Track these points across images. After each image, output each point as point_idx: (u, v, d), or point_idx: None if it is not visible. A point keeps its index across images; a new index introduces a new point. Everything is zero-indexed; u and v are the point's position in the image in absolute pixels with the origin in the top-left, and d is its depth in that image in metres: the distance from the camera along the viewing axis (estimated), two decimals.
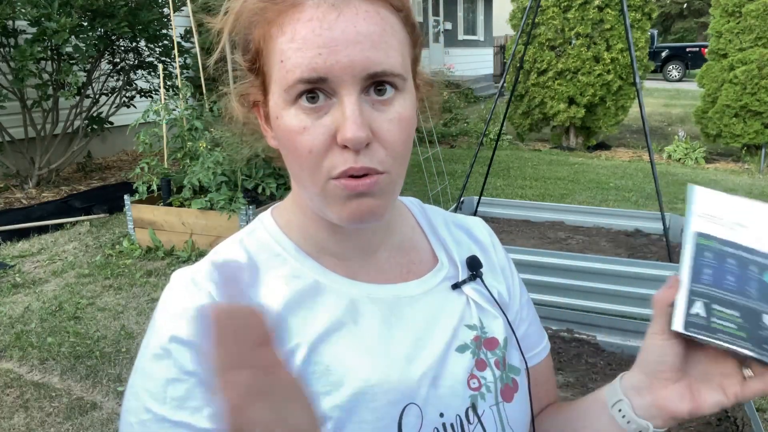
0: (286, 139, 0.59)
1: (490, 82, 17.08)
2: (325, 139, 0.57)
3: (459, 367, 0.68)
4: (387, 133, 0.58)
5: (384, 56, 0.56)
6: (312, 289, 0.66)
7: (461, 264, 0.75)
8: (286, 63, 0.56)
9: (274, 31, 0.58)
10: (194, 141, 4.45)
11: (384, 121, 0.58)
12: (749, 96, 7.13)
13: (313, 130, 0.57)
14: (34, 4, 5.02)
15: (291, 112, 0.58)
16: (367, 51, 0.55)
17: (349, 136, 0.55)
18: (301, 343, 0.62)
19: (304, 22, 0.56)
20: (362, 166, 0.57)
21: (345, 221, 0.60)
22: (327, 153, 0.57)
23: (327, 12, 0.55)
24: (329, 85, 0.56)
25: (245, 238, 0.70)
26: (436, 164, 6.14)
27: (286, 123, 0.58)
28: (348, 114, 0.55)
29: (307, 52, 0.55)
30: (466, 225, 0.82)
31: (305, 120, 0.57)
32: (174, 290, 0.64)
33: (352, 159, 0.56)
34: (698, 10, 29.81)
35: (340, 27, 0.55)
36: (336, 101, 0.57)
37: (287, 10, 0.57)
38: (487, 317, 0.73)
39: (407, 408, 0.63)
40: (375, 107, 0.57)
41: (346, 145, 0.56)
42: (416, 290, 0.70)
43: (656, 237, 4.41)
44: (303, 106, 0.57)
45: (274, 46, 0.58)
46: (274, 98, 0.59)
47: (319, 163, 0.58)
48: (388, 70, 0.57)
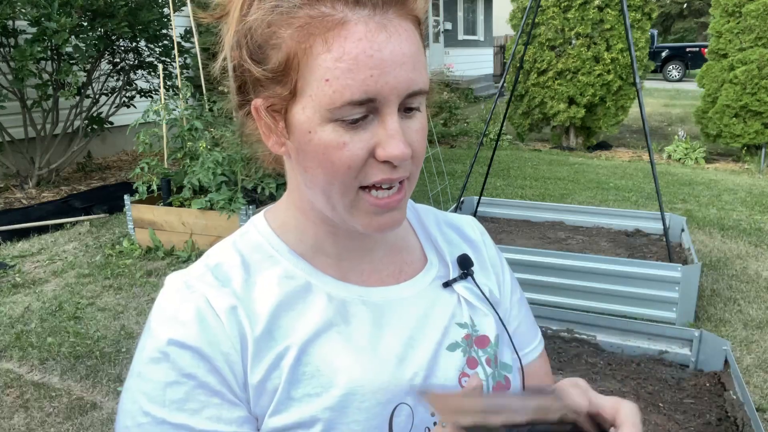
0: (320, 153, 0.58)
1: (490, 82, 17.08)
2: (364, 154, 0.58)
3: (450, 365, 0.68)
4: (416, 144, 0.60)
5: (420, 75, 0.58)
6: (304, 290, 0.66)
7: (452, 263, 0.76)
8: (333, 83, 0.55)
9: (318, 47, 0.56)
10: (194, 141, 4.45)
11: (413, 133, 0.60)
12: (749, 96, 7.13)
13: (352, 146, 0.57)
14: (34, 4, 5.02)
15: (328, 128, 0.57)
16: (410, 72, 0.57)
17: (397, 153, 0.57)
18: (292, 345, 0.62)
19: (353, 42, 0.55)
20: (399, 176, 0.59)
21: (371, 231, 0.63)
22: (363, 167, 0.58)
23: (376, 32, 0.55)
24: (374, 105, 0.56)
25: (238, 240, 0.70)
26: (436, 164, 6.14)
27: (323, 138, 0.58)
28: (393, 132, 0.57)
29: (358, 74, 0.55)
30: (458, 224, 0.83)
31: (344, 136, 0.57)
32: (168, 294, 0.64)
33: (389, 171, 0.59)
34: (698, 10, 29.81)
35: (389, 48, 0.55)
36: (373, 117, 0.57)
37: (334, 28, 0.55)
38: (478, 315, 0.73)
39: (398, 408, 0.64)
40: (404, 121, 0.59)
41: (386, 161, 0.58)
42: (407, 292, 0.71)
43: (656, 237, 4.41)
44: (342, 123, 0.57)
45: (317, 63, 0.56)
46: (307, 113, 0.58)
47: (354, 176, 0.59)
48: (423, 89, 0.59)
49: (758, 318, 3.45)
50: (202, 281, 0.64)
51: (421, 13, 0.60)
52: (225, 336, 0.61)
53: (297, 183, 0.67)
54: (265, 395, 0.61)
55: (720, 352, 2.71)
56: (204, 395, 0.59)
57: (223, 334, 0.61)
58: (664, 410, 2.48)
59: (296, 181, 0.67)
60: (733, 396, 2.47)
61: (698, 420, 2.41)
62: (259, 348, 0.61)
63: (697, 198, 6.06)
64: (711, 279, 3.98)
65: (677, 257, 3.85)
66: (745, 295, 3.74)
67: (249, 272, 0.66)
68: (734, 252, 4.50)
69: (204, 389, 0.59)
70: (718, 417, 2.41)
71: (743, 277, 4.02)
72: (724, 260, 4.32)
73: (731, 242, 4.72)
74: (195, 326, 0.60)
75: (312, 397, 0.61)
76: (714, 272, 4.10)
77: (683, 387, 2.65)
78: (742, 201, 5.95)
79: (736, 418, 2.36)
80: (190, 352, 0.59)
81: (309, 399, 0.61)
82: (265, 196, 4.34)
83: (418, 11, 0.60)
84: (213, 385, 0.60)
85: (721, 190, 6.39)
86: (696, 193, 6.24)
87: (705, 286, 3.85)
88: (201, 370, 0.59)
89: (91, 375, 2.90)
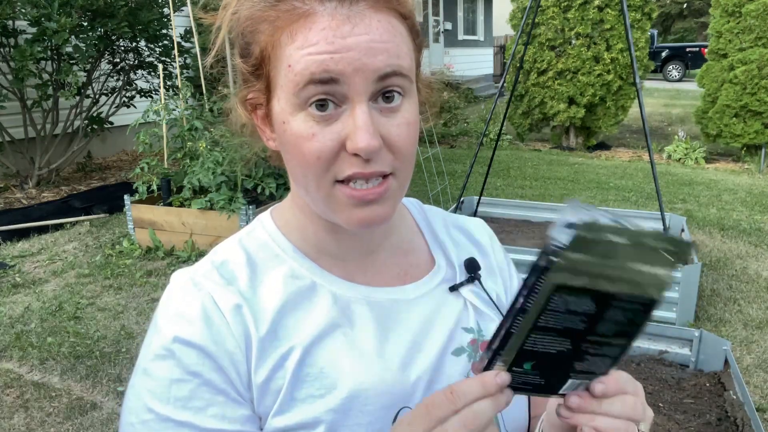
0: (293, 144, 0.59)
1: (490, 82, 17.08)
2: (334, 145, 0.57)
3: (455, 370, 0.68)
4: (396, 138, 0.58)
5: (394, 58, 0.57)
6: (309, 290, 0.66)
7: (459, 266, 0.75)
8: (294, 66, 0.56)
9: (284, 38, 0.57)
10: (194, 141, 4.45)
11: (392, 127, 0.58)
12: (749, 96, 7.12)
13: (322, 137, 0.57)
14: (34, 4, 5.01)
15: (299, 118, 0.58)
16: (378, 55, 0.56)
17: (362, 145, 0.55)
18: (296, 345, 0.62)
19: (316, 31, 0.55)
20: (372, 171, 0.58)
21: (353, 227, 0.61)
22: (335, 159, 0.58)
23: (341, 23, 0.55)
24: (340, 89, 0.56)
25: (244, 237, 0.70)
26: (436, 164, 6.14)
27: (294, 129, 0.58)
28: (360, 123, 0.56)
29: (318, 56, 0.55)
30: (466, 226, 0.82)
31: (314, 127, 0.57)
32: (174, 291, 0.64)
33: (361, 165, 0.57)
34: (698, 10, 29.81)
35: (354, 38, 0.55)
36: (345, 109, 0.57)
37: (299, 19, 0.56)
38: (485, 320, 0.73)
39: (401, 412, 0.64)
40: (383, 114, 0.58)
41: (356, 153, 0.56)
42: (413, 294, 0.70)
43: None
44: (312, 114, 0.57)
45: (283, 53, 0.57)
46: (281, 104, 0.59)
47: (326, 168, 0.58)
48: (397, 70, 0.57)
49: (758, 318, 3.45)
50: (208, 279, 0.64)
51: (405, 7, 0.60)
52: (230, 335, 0.61)
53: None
54: (269, 395, 0.61)
55: (720, 352, 2.71)
56: (209, 393, 0.59)
57: (228, 333, 0.61)
58: (664, 410, 2.48)
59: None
60: (733, 396, 2.47)
61: (698, 420, 2.41)
62: (263, 348, 0.61)
63: (697, 198, 6.06)
64: (711, 279, 3.98)
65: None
66: (745, 295, 3.74)
67: (255, 271, 0.66)
68: (734, 252, 4.50)
69: (209, 387, 0.59)
70: (718, 417, 2.41)
71: (743, 277, 4.02)
72: (724, 260, 4.32)
73: (731, 242, 4.72)
74: (201, 324, 0.60)
75: (315, 399, 0.61)
76: (714, 272, 4.10)
77: (683, 387, 2.65)
78: (742, 201, 5.95)
79: (736, 418, 2.36)
80: (195, 350, 0.60)
81: (312, 400, 0.61)
82: (265, 196, 4.34)
83: (398, 5, 0.59)
84: (218, 384, 0.60)
85: (721, 190, 6.39)
86: (696, 193, 6.24)
87: (705, 286, 3.85)
88: (206, 368, 0.59)
89: (91, 375, 2.90)
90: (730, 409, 2.43)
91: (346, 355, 0.63)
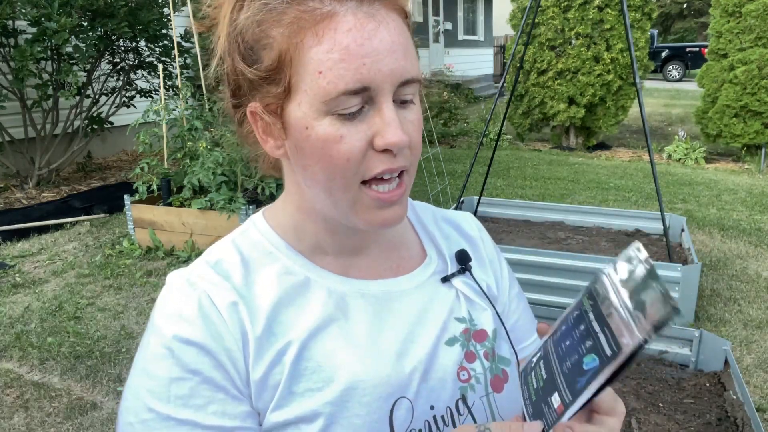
0: (319, 148, 0.58)
1: (490, 82, 17.08)
2: (362, 145, 0.58)
3: (448, 359, 0.69)
4: (413, 133, 0.60)
5: (412, 64, 0.59)
6: (303, 285, 0.67)
7: (450, 258, 0.77)
8: (326, 74, 0.55)
9: (308, 41, 0.56)
10: (194, 141, 4.45)
11: (409, 123, 0.60)
12: (749, 96, 7.13)
13: (350, 138, 0.57)
14: (34, 4, 5.02)
15: (325, 122, 0.57)
16: (401, 60, 0.57)
17: (395, 140, 0.57)
18: (293, 340, 0.63)
19: (343, 32, 0.55)
20: (399, 165, 0.59)
21: (374, 227, 0.63)
22: (363, 160, 0.58)
23: (365, 21, 0.56)
24: (368, 93, 0.56)
25: (238, 237, 0.70)
26: (436, 164, 6.14)
27: (320, 132, 0.58)
28: (389, 120, 0.57)
29: (351, 63, 0.55)
30: (455, 220, 0.83)
31: (341, 128, 0.57)
32: (171, 291, 0.65)
33: (389, 161, 0.59)
34: (698, 10, 29.81)
35: (379, 36, 0.56)
36: (369, 109, 0.58)
37: (323, 20, 0.56)
38: (476, 310, 0.74)
39: (398, 402, 0.64)
40: (400, 111, 0.59)
41: (385, 150, 0.58)
42: (406, 285, 0.71)
43: (656, 237, 4.41)
44: (338, 115, 0.57)
45: (309, 56, 0.56)
46: (303, 108, 0.58)
47: (355, 170, 0.59)
48: (415, 77, 0.59)
49: (758, 318, 3.45)
50: (204, 278, 0.64)
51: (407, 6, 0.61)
52: (227, 332, 0.61)
53: (297, 184, 0.67)
54: (267, 390, 0.62)
55: (720, 352, 2.71)
56: (209, 390, 0.60)
57: (225, 330, 0.61)
58: (664, 410, 2.48)
59: (296, 182, 0.67)
60: (733, 396, 2.47)
61: (698, 420, 2.41)
62: (260, 344, 0.62)
63: (697, 198, 6.06)
64: (711, 279, 3.98)
65: (677, 257, 3.85)
66: (745, 295, 3.74)
67: (248, 269, 0.66)
68: (734, 252, 4.50)
69: (209, 384, 0.60)
70: (718, 417, 2.41)
71: (743, 277, 4.02)
72: (724, 260, 4.32)
73: (731, 242, 4.72)
74: (199, 322, 0.61)
75: (313, 392, 0.62)
76: (714, 272, 4.10)
77: (683, 387, 2.65)
78: (742, 201, 5.95)
79: (736, 418, 2.36)
80: (194, 348, 0.60)
81: (310, 394, 0.62)
82: (266, 196, 4.34)
83: (403, 3, 0.61)
84: (218, 381, 0.60)
85: (721, 190, 6.39)
86: (696, 193, 6.24)
87: (705, 286, 3.85)
88: (206, 365, 0.60)
89: (91, 375, 2.90)
90: (730, 409, 2.43)
91: (343, 347, 0.64)
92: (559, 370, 0.56)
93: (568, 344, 0.56)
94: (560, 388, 0.55)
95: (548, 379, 0.57)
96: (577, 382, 0.53)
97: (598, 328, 0.53)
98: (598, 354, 0.52)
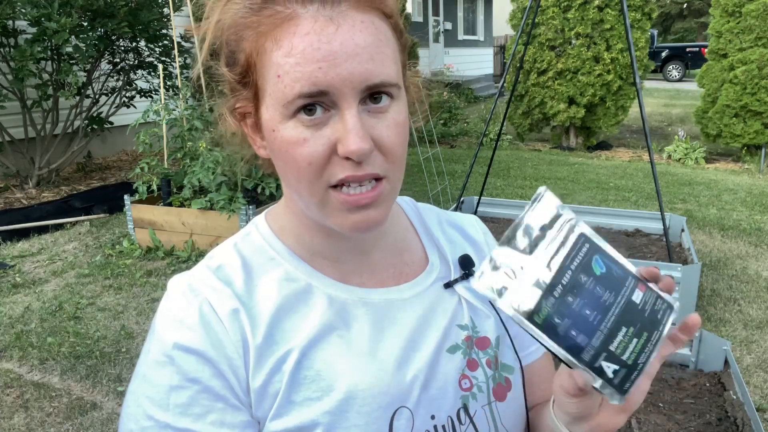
0: (284, 151, 0.58)
1: (490, 82, 17.09)
2: (325, 150, 0.57)
3: (450, 368, 0.68)
4: (386, 140, 0.58)
5: (381, 67, 0.56)
6: (304, 292, 0.66)
7: (453, 263, 0.75)
8: (284, 78, 0.55)
9: (269, 44, 0.56)
10: (194, 141, 4.45)
11: (382, 128, 0.58)
12: (749, 96, 7.13)
13: (313, 142, 0.57)
14: (34, 4, 5.01)
15: (289, 125, 0.57)
16: (366, 63, 0.55)
17: (353, 148, 0.55)
18: (293, 349, 0.62)
19: (301, 36, 0.55)
20: (365, 173, 0.57)
21: (347, 231, 0.61)
22: (327, 164, 0.57)
23: (325, 25, 0.55)
24: (329, 98, 0.56)
25: (239, 242, 0.70)
26: (436, 164, 6.15)
27: (284, 135, 0.58)
28: (350, 127, 0.55)
29: (306, 66, 0.54)
30: (460, 223, 0.82)
31: (304, 132, 0.57)
32: (172, 297, 0.64)
33: (353, 168, 0.57)
34: (698, 10, 29.81)
35: (339, 40, 0.55)
36: (334, 113, 0.57)
37: (282, 23, 0.55)
38: (479, 316, 0.73)
39: (398, 411, 0.64)
40: (372, 115, 0.58)
41: (347, 157, 0.56)
42: (408, 293, 0.70)
43: (656, 237, 4.41)
44: (301, 119, 0.57)
45: (270, 60, 0.57)
46: (269, 112, 0.59)
47: (318, 174, 0.58)
48: (386, 81, 0.57)
49: (758, 318, 3.45)
50: (205, 284, 0.64)
51: (387, 6, 0.59)
52: (228, 340, 0.61)
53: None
54: (267, 399, 0.61)
55: (720, 352, 2.71)
56: (208, 400, 0.59)
57: (226, 338, 0.61)
58: (664, 410, 2.48)
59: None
60: (733, 396, 2.47)
61: (698, 420, 2.41)
62: (260, 352, 0.61)
63: (697, 198, 6.06)
64: (711, 279, 3.98)
65: (677, 257, 3.85)
66: (745, 295, 3.74)
67: (250, 275, 0.66)
68: (734, 252, 4.50)
69: (208, 394, 0.59)
70: (718, 417, 2.41)
71: (743, 277, 4.02)
72: (724, 260, 4.32)
73: (731, 242, 4.72)
74: (200, 330, 0.61)
75: (312, 401, 0.61)
76: (714, 272, 4.10)
77: (683, 387, 2.65)
78: (742, 201, 5.95)
79: (736, 418, 2.36)
80: (195, 356, 0.60)
81: (310, 403, 0.61)
82: (265, 196, 4.34)
83: (381, 4, 0.59)
84: (217, 390, 0.60)
85: (721, 190, 6.39)
86: (696, 193, 6.24)
87: (705, 286, 3.85)
88: (205, 374, 0.60)
89: (91, 375, 2.90)
90: (730, 409, 2.43)
91: (342, 356, 0.63)
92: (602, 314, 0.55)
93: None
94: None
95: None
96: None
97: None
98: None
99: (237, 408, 0.60)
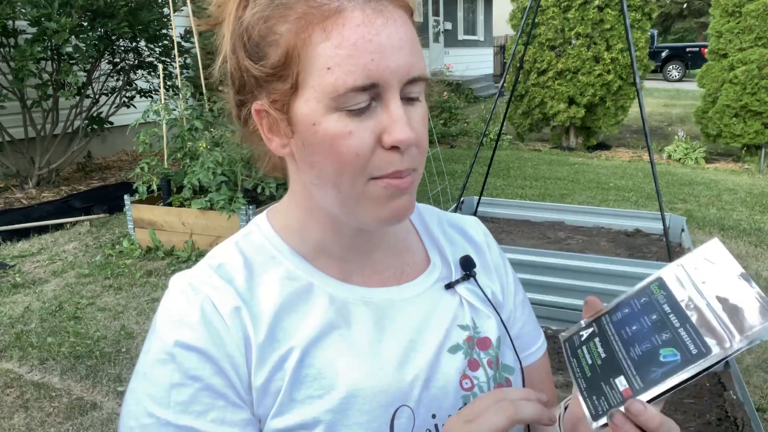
0: (328, 144, 0.58)
1: (490, 82, 17.08)
2: (371, 141, 0.57)
3: (451, 368, 0.68)
4: (419, 132, 0.60)
5: (419, 60, 0.58)
6: (305, 291, 0.66)
7: (455, 264, 0.76)
8: (334, 70, 0.55)
9: (316, 37, 0.56)
10: (194, 141, 4.45)
11: (416, 120, 0.60)
12: (749, 96, 7.13)
13: (359, 134, 0.57)
14: (34, 4, 5.01)
15: (333, 118, 0.57)
16: (409, 56, 0.57)
17: (403, 137, 0.56)
18: (295, 347, 0.62)
19: (351, 28, 0.55)
20: (407, 167, 0.59)
21: (383, 221, 0.62)
22: (372, 155, 0.58)
23: (373, 17, 0.55)
24: (376, 90, 0.56)
25: (241, 240, 0.70)
26: (436, 164, 6.15)
27: (329, 128, 0.57)
28: (398, 117, 0.57)
29: (359, 59, 0.55)
30: (461, 224, 0.82)
31: (350, 124, 0.57)
32: (173, 295, 0.64)
33: (399, 160, 0.58)
34: (698, 10, 29.80)
35: (386, 32, 0.56)
36: (376, 104, 0.57)
37: (331, 16, 0.55)
38: (480, 317, 0.73)
39: (399, 410, 0.64)
40: (407, 108, 0.59)
41: (393, 147, 0.57)
42: (409, 293, 0.71)
43: (656, 237, 4.41)
44: (347, 111, 0.57)
45: (317, 52, 0.56)
46: (311, 105, 0.57)
47: (363, 166, 0.58)
48: (422, 74, 0.59)
49: None
50: (206, 282, 0.64)
51: (413, 3, 0.61)
52: (230, 338, 0.61)
53: (302, 183, 0.66)
54: (268, 397, 0.61)
55: None
56: (209, 397, 0.59)
57: (228, 336, 0.61)
58: (664, 410, 2.48)
59: (301, 181, 0.66)
60: (733, 396, 2.47)
61: (698, 420, 2.41)
62: (262, 350, 0.62)
63: (697, 198, 6.06)
64: None
65: (677, 257, 3.84)
66: None
67: (252, 273, 0.66)
68: (734, 252, 4.50)
69: (209, 391, 0.59)
70: (718, 417, 2.41)
71: None
72: None
73: (731, 242, 4.72)
74: (201, 328, 0.60)
75: (314, 399, 0.61)
76: None
77: (683, 387, 2.65)
78: (742, 201, 5.95)
79: (736, 418, 2.36)
80: (196, 354, 0.60)
81: (311, 401, 0.61)
82: (266, 196, 4.34)
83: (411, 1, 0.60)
84: (218, 388, 0.60)
85: (721, 190, 6.39)
86: (696, 193, 6.24)
87: None
88: (207, 372, 0.60)
89: (91, 375, 2.90)
90: (730, 409, 2.43)
91: (343, 355, 0.64)
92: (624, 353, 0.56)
93: (635, 329, 0.56)
94: (627, 372, 0.54)
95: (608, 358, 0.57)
96: (651, 372, 0.53)
97: (677, 322, 0.53)
98: (680, 350, 0.51)
99: (238, 406, 0.60)
